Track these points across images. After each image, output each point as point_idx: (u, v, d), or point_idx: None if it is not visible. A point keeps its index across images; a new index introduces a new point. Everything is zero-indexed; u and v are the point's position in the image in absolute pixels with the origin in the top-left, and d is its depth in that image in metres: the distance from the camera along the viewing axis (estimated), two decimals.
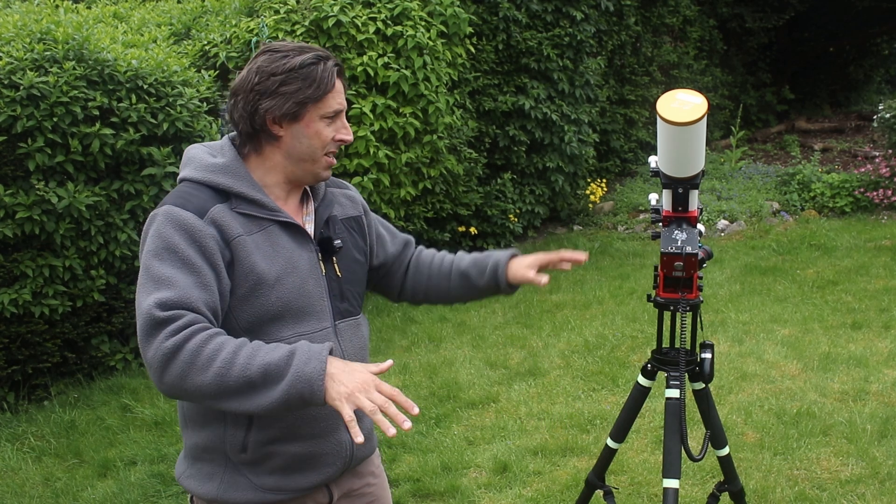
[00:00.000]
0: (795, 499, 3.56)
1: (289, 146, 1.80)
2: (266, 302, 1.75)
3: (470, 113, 7.98)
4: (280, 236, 1.79)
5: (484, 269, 2.11)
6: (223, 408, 1.62)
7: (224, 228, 1.72)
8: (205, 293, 1.66)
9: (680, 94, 2.28)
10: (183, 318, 1.60)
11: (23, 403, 4.84)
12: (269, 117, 1.77)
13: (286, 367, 1.57)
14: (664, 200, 2.47)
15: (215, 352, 1.58)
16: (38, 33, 4.92)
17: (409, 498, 3.75)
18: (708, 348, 2.52)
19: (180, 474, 1.91)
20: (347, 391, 1.55)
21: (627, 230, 9.14)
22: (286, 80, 1.75)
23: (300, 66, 1.75)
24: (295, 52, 1.78)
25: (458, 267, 2.13)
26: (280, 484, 1.82)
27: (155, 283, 1.64)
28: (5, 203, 4.55)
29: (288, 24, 6.17)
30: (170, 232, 1.68)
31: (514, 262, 2.12)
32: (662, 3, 11.21)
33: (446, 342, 5.82)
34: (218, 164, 1.79)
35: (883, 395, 4.60)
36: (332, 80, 1.79)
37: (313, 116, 1.79)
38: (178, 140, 5.24)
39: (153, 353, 1.58)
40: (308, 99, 1.76)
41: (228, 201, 1.76)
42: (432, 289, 2.15)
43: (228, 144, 1.84)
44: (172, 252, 1.66)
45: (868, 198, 9.16)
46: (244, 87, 1.77)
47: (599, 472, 2.74)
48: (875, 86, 16.64)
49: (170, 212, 1.71)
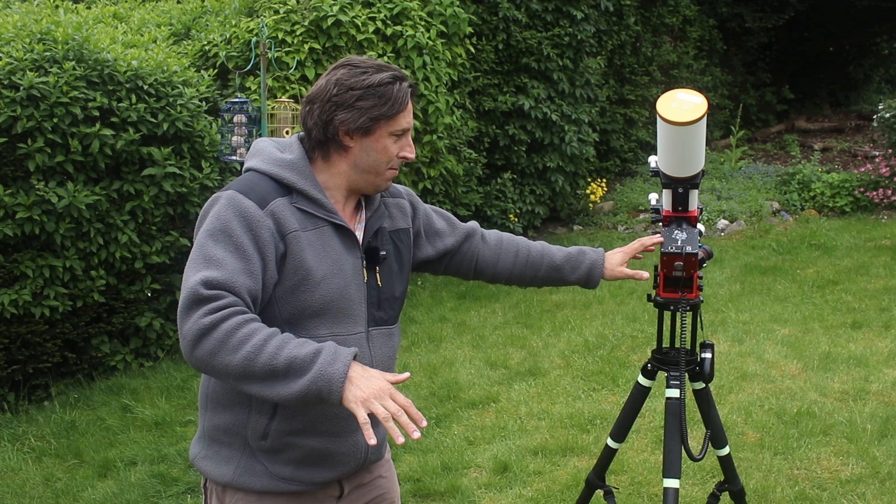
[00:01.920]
0: (796, 498, 3.56)
1: (356, 157, 1.88)
2: (310, 298, 1.82)
3: (470, 113, 7.98)
4: (332, 238, 1.86)
5: (578, 265, 2.33)
6: (244, 390, 1.70)
7: (281, 221, 1.80)
8: (250, 280, 1.73)
9: (680, 94, 2.28)
10: (224, 300, 1.68)
11: (23, 404, 4.84)
12: (343, 129, 1.85)
13: (311, 363, 1.65)
14: (664, 200, 2.47)
15: (247, 336, 1.65)
16: (38, 34, 4.91)
17: (409, 498, 3.75)
18: (708, 348, 2.51)
19: (195, 455, 1.95)
20: (364, 396, 1.63)
21: (627, 230, 9.14)
22: (363, 96, 1.83)
23: (378, 83, 1.84)
24: (374, 69, 1.86)
25: (551, 260, 2.33)
26: (295, 475, 1.88)
27: (205, 262, 1.72)
28: (5, 203, 4.55)
29: (288, 24, 6.17)
30: (229, 216, 1.76)
31: (608, 261, 2.35)
32: (662, 3, 11.21)
33: (446, 342, 5.82)
34: (286, 159, 1.87)
35: (883, 394, 4.60)
36: (406, 101, 1.88)
37: (383, 133, 1.87)
38: (178, 140, 5.24)
39: (189, 326, 1.66)
40: (381, 116, 1.84)
41: (290, 195, 1.84)
42: (516, 275, 2.33)
43: (297, 144, 1.92)
44: (228, 235, 1.74)
45: (868, 197, 9.16)
46: (322, 97, 1.85)
47: (600, 471, 2.74)
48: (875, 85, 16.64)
49: (233, 197, 1.78)
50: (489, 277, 2.34)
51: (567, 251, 2.34)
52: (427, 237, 2.18)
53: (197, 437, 1.98)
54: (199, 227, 1.81)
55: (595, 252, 2.35)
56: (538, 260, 2.32)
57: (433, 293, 6.92)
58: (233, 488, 1.88)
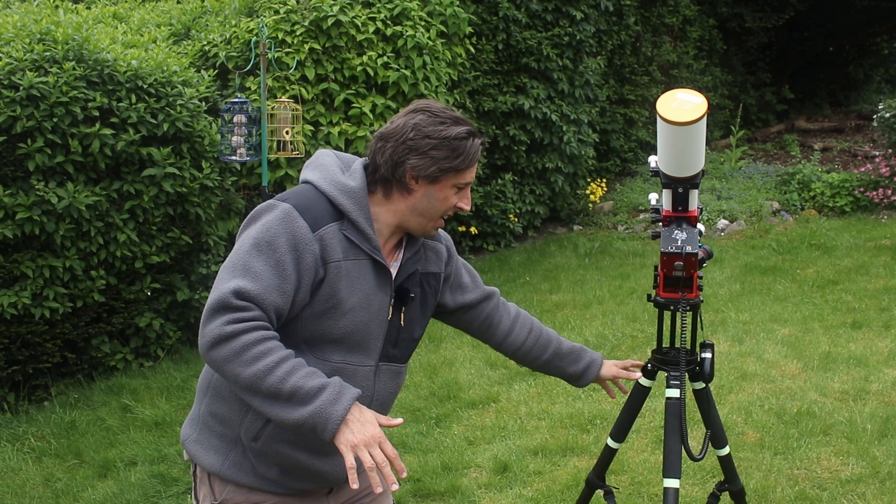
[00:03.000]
0: (796, 498, 3.56)
1: (417, 201, 1.92)
2: (333, 326, 1.86)
3: (470, 113, 7.98)
4: (368, 272, 1.89)
5: (578, 360, 2.40)
6: (246, 400, 1.76)
7: (328, 248, 1.82)
8: (280, 298, 1.76)
9: (680, 94, 2.28)
10: (250, 312, 1.73)
11: (23, 404, 4.84)
12: (412, 173, 1.89)
13: (314, 397, 1.70)
14: (664, 200, 2.47)
15: (262, 354, 1.70)
16: (38, 34, 4.91)
17: (409, 498, 3.75)
18: (708, 348, 2.51)
19: (186, 437, 1.98)
20: (355, 441, 1.68)
21: (627, 230, 9.14)
22: (438, 146, 1.87)
23: (454, 137, 1.88)
24: (452, 121, 1.90)
25: (558, 347, 2.39)
26: (279, 479, 1.91)
27: (244, 270, 1.75)
28: (5, 203, 4.55)
29: (288, 25, 6.17)
30: (279, 230, 1.78)
31: (605, 364, 2.44)
32: (662, 3, 11.21)
33: (446, 342, 5.82)
34: (347, 185, 1.89)
35: (883, 394, 4.60)
36: (476, 157, 1.93)
37: (448, 183, 1.91)
38: (178, 140, 5.24)
39: (211, 329, 1.71)
40: (451, 169, 1.89)
41: (341, 221, 1.86)
42: (523, 351, 2.37)
43: (361, 171, 1.93)
44: (273, 249, 1.77)
45: (868, 197, 9.16)
46: (397, 137, 1.88)
47: (600, 471, 2.74)
48: (875, 85, 16.64)
49: (289, 212, 1.80)
50: (496, 345, 2.37)
51: (572, 345, 2.41)
52: (451, 287, 2.20)
53: (190, 418, 2.01)
54: (246, 228, 1.83)
55: (594, 353, 2.44)
56: (546, 343, 2.37)
57: None
58: (221, 479, 1.91)
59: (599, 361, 2.42)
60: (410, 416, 4.56)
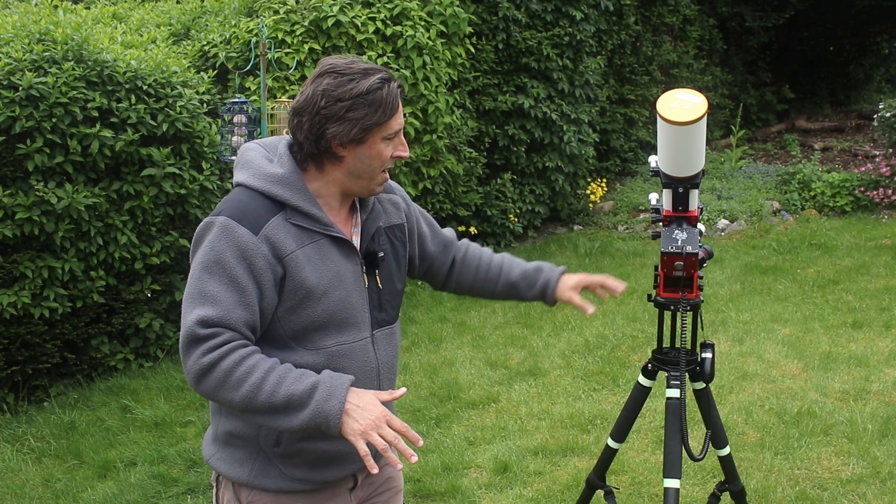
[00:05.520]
0: (796, 498, 3.56)
1: (350, 165, 1.85)
2: (312, 313, 1.82)
3: (470, 113, 7.98)
4: (330, 249, 1.85)
5: (533, 283, 2.26)
6: (247, 418, 1.80)
7: (277, 245, 1.78)
8: (246, 312, 1.75)
9: (680, 94, 2.28)
10: (220, 336, 1.72)
11: (22, 404, 4.83)
12: (336, 141, 1.80)
13: (308, 399, 1.71)
14: (664, 200, 2.47)
15: (246, 374, 1.71)
16: (37, 34, 4.91)
17: (409, 498, 3.74)
18: (708, 348, 2.51)
19: (210, 456, 1.97)
20: (361, 428, 1.69)
21: (628, 230, 9.14)
22: (353, 106, 1.77)
23: (367, 91, 1.78)
24: (360, 74, 1.79)
25: (506, 277, 2.26)
26: (309, 475, 1.91)
27: (201, 298, 1.74)
28: (4, 204, 4.55)
29: (287, 25, 6.17)
30: (222, 247, 1.75)
31: (562, 281, 2.26)
32: (662, 3, 11.21)
33: (446, 342, 5.82)
34: (277, 174, 1.82)
35: (884, 394, 4.59)
36: (396, 104, 1.83)
37: (376, 139, 1.83)
38: (178, 141, 5.24)
39: (191, 365, 1.73)
40: (374, 125, 1.80)
41: (283, 211, 1.81)
42: (476, 289, 2.29)
43: (287, 153, 1.87)
44: (222, 268, 1.74)
45: (868, 197, 9.16)
46: (309, 109, 1.79)
47: (600, 472, 2.74)
48: (875, 85, 16.64)
49: (226, 225, 1.76)
50: (452, 288, 2.30)
51: (524, 268, 2.27)
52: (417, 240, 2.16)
53: (210, 438, 1.99)
54: (194, 253, 1.80)
55: (552, 270, 2.27)
56: (496, 275, 2.26)
57: (433, 293, 6.91)
58: (248, 487, 1.91)
59: (554, 282, 2.25)
60: (410, 416, 4.56)
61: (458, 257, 2.27)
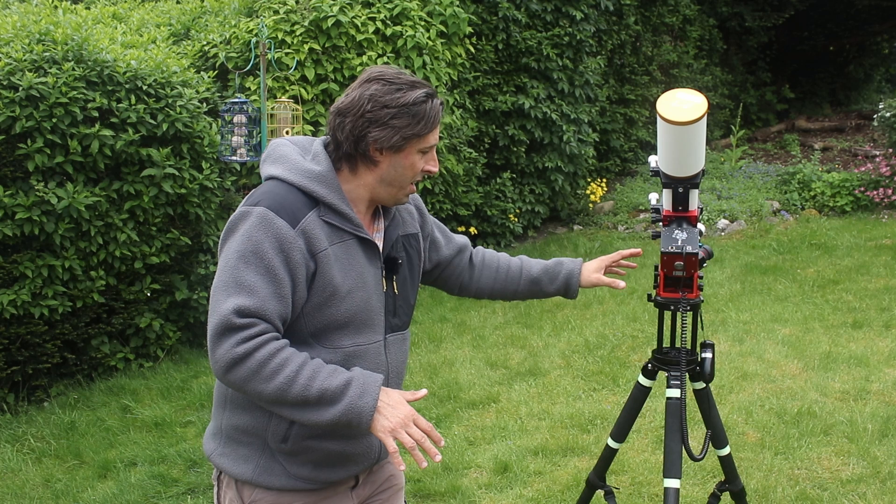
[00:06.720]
0: (796, 498, 3.56)
1: (384, 172, 1.88)
2: (335, 312, 1.85)
3: (470, 113, 7.98)
4: (356, 250, 1.88)
5: (555, 277, 2.35)
6: (273, 410, 1.78)
7: (312, 240, 1.80)
8: (280, 304, 1.76)
9: (680, 94, 2.28)
10: (256, 327, 1.72)
11: (22, 405, 4.83)
12: (375, 145, 1.84)
13: (342, 395, 1.73)
14: (664, 200, 2.47)
15: (280, 366, 1.71)
16: (37, 34, 4.91)
17: (409, 498, 3.74)
18: (708, 348, 2.51)
19: (212, 452, 1.97)
20: (391, 426, 1.73)
21: (627, 230, 9.14)
22: (397, 115, 1.82)
23: (412, 102, 1.82)
24: (408, 86, 1.84)
25: (528, 273, 2.35)
26: (313, 475, 1.92)
27: (237, 287, 1.73)
28: (5, 204, 4.55)
29: (287, 25, 6.17)
30: (261, 237, 1.75)
31: (585, 268, 2.36)
32: (662, 3, 11.21)
33: (447, 342, 5.82)
34: (314, 171, 1.85)
35: (884, 394, 4.59)
36: (437, 119, 1.88)
37: (413, 150, 1.87)
38: (178, 141, 5.24)
39: (222, 353, 1.71)
40: (414, 135, 1.84)
41: (317, 208, 1.83)
42: (498, 290, 2.36)
43: (322, 151, 1.89)
44: (260, 258, 1.75)
45: (868, 197, 9.16)
46: (354, 111, 1.82)
47: (600, 472, 2.74)
48: (875, 84, 16.65)
49: (264, 215, 1.77)
50: (473, 293, 2.36)
51: (544, 264, 2.37)
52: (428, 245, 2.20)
53: (212, 433, 1.98)
54: (227, 240, 1.80)
55: (572, 262, 2.36)
56: (517, 274, 2.34)
57: (433, 293, 6.91)
58: (251, 485, 1.91)
59: (577, 272, 2.35)
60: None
61: (476, 261, 2.33)
